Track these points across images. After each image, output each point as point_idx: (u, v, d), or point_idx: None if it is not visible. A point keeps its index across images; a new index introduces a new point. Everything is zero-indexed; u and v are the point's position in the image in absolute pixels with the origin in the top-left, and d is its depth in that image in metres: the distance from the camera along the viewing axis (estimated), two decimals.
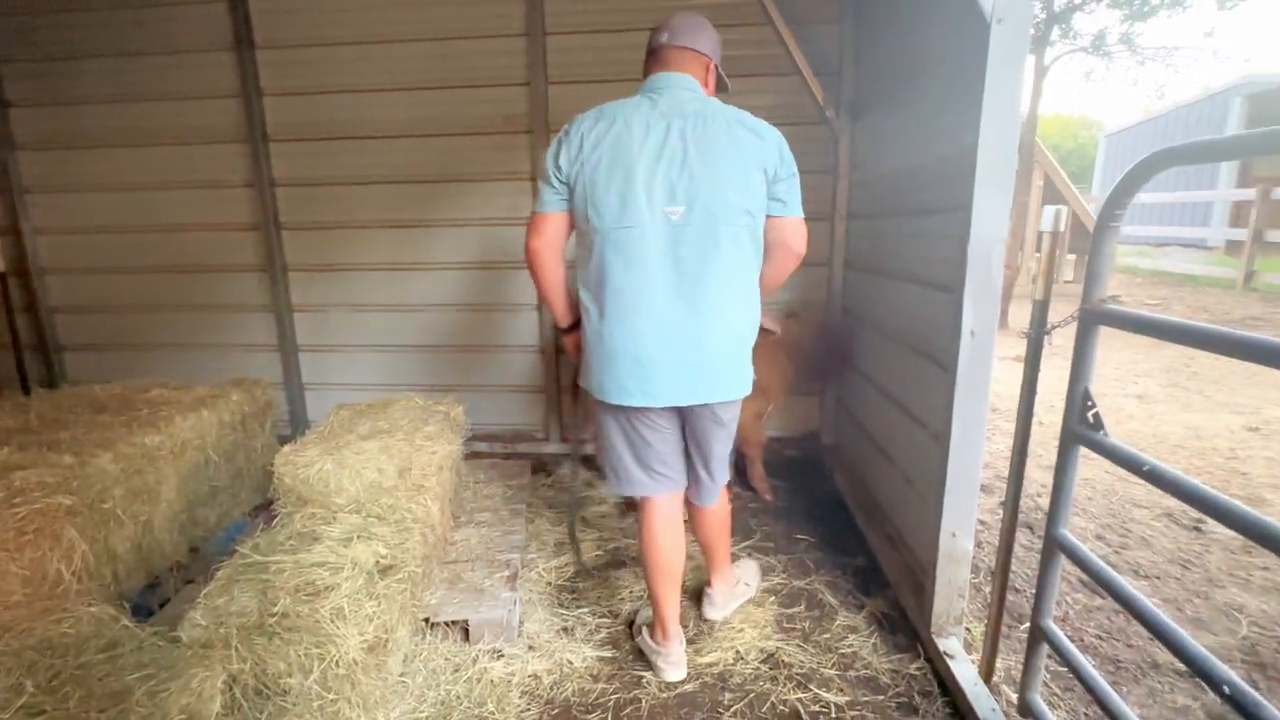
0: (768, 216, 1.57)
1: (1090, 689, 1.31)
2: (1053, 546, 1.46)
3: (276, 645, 1.45)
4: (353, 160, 3.29)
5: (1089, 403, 1.38)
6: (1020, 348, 4.87)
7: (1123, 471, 3.20)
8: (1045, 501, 2.94)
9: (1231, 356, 0.99)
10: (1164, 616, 1.16)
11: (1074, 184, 9.63)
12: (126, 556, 1.99)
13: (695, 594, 2.13)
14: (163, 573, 2.19)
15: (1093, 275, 1.33)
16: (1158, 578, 2.31)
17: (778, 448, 3.32)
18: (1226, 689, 0.98)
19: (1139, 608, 1.20)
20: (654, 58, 1.60)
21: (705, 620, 2.03)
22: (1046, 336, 1.49)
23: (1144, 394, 4.63)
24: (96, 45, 3.26)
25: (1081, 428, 1.38)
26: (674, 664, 1.79)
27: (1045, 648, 1.48)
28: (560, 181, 1.54)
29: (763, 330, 1.71)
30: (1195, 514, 2.79)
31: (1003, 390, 4.80)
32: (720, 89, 1.69)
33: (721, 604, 2.04)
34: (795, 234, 1.61)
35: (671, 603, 1.79)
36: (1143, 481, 1.22)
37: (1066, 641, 1.42)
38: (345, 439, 2.18)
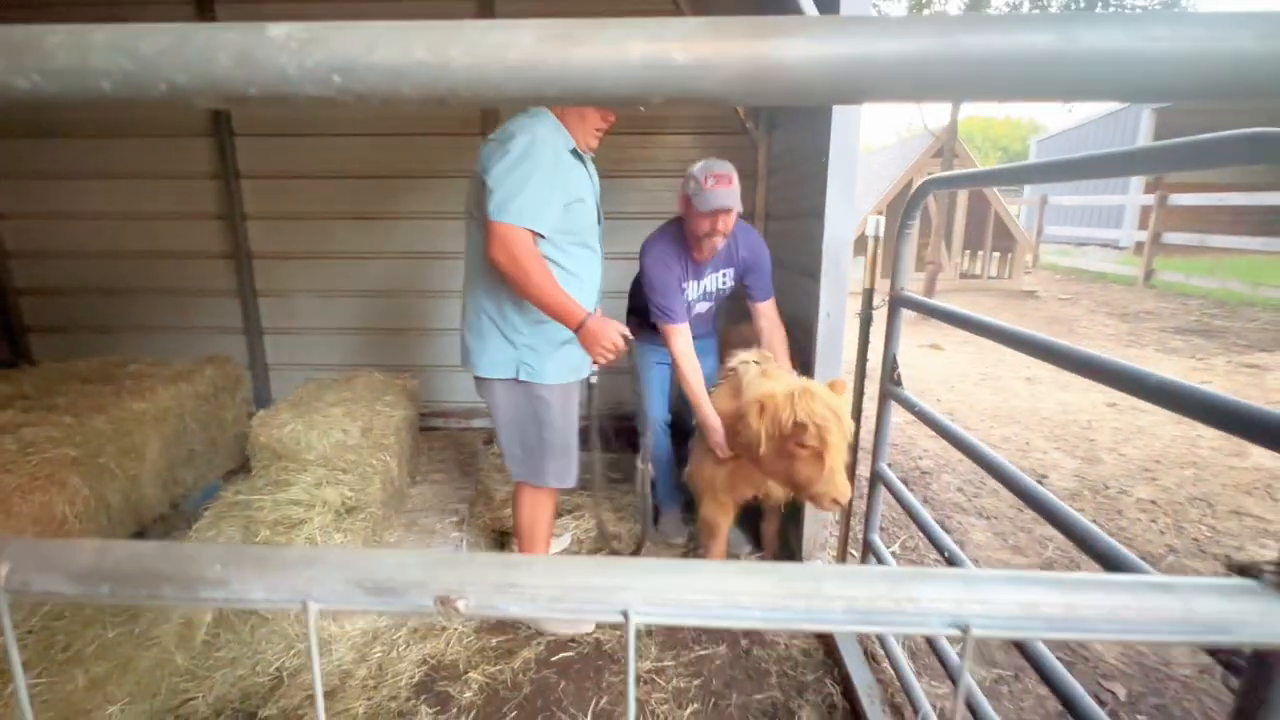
0: None
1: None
2: (875, 478, 1.91)
3: None
4: (316, 156, 3.56)
5: (896, 366, 1.82)
6: (936, 337, 5.60)
7: (996, 439, 3.72)
8: (926, 464, 3.47)
9: (992, 340, 1.37)
10: (950, 541, 1.61)
11: (1004, 186, 10.39)
12: (118, 506, 2.28)
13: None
14: (147, 524, 2.47)
15: (897, 270, 1.76)
16: (995, 518, 2.83)
17: None
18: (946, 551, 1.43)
19: (932, 534, 1.64)
20: None
21: None
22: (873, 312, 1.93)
23: (1033, 377, 5.24)
24: None
25: (890, 385, 1.83)
26: None
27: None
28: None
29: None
30: (1040, 471, 3.35)
31: (914, 374, 5.35)
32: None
33: None
34: (490, 236, 1.65)
35: None
36: (1005, 446, 1.67)
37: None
38: (313, 405, 2.50)
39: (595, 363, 1.83)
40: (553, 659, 1.96)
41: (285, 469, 2.23)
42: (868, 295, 1.92)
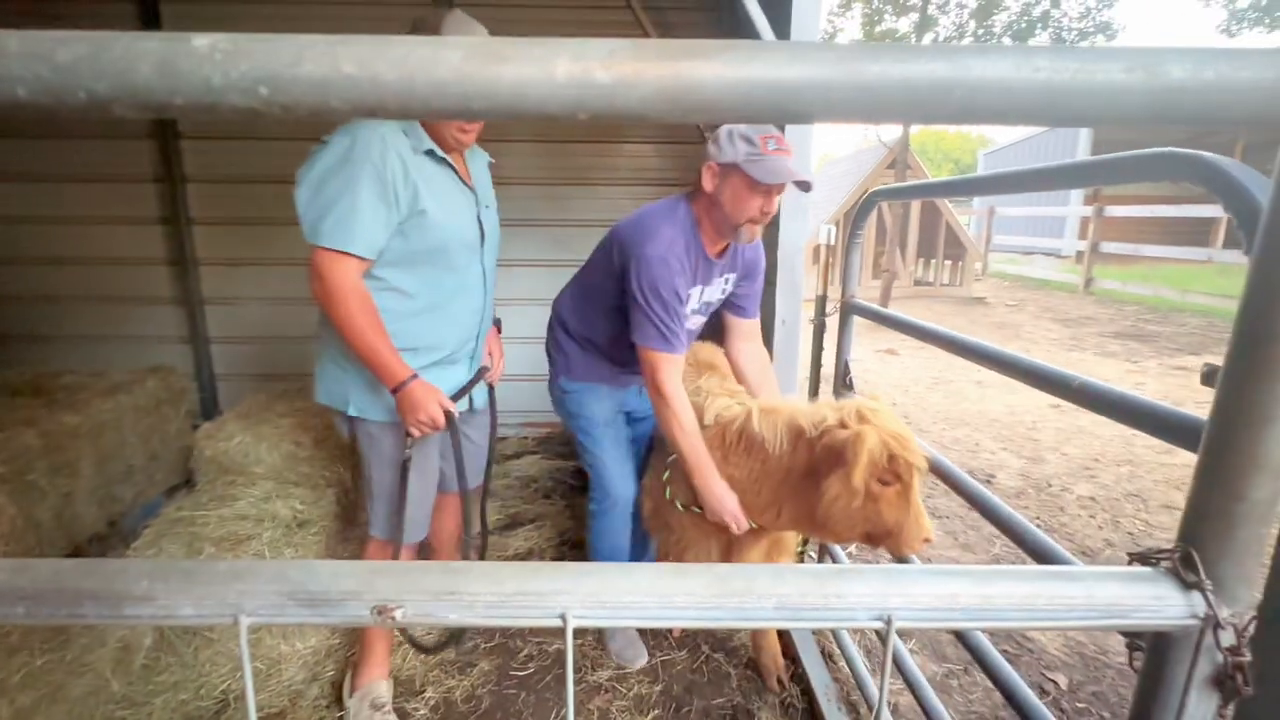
0: None
1: None
2: None
3: None
4: (267, 159, 3.45)
5: (848, 371, 1.88)
6: (893, 342, 5.75)
7: (947, 441, 3.84)
8: None
9: (932, 344, 1.44)
10: None
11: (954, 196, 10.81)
12: (48, 525, 2.16)
13: None
14: (81, 544, 2.35)
15: (847, 278, 1.82)
16: (947, 517, 2.93)
17: None
18: None
19: None
20: None
21: None
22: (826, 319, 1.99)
23: (983, 380, 5.45)
24: None
25: (843, 389, 1.88)
26: None
27: None
28: None
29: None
30: (988, 471, 3.48)
31: (870, 379, 5.50)
32: None
33: None
34: (310, 265, 1.42)
35: None
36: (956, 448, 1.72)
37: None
38: (263, 416, 2.42)
39: (409, 434, 1.51)
40: (512, 672, 1.94)
41: (232, 483, 2.16)
42: (820, 302, 1.98)
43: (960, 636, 1.37)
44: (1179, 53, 0.34)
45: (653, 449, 2.01)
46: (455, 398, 1.60)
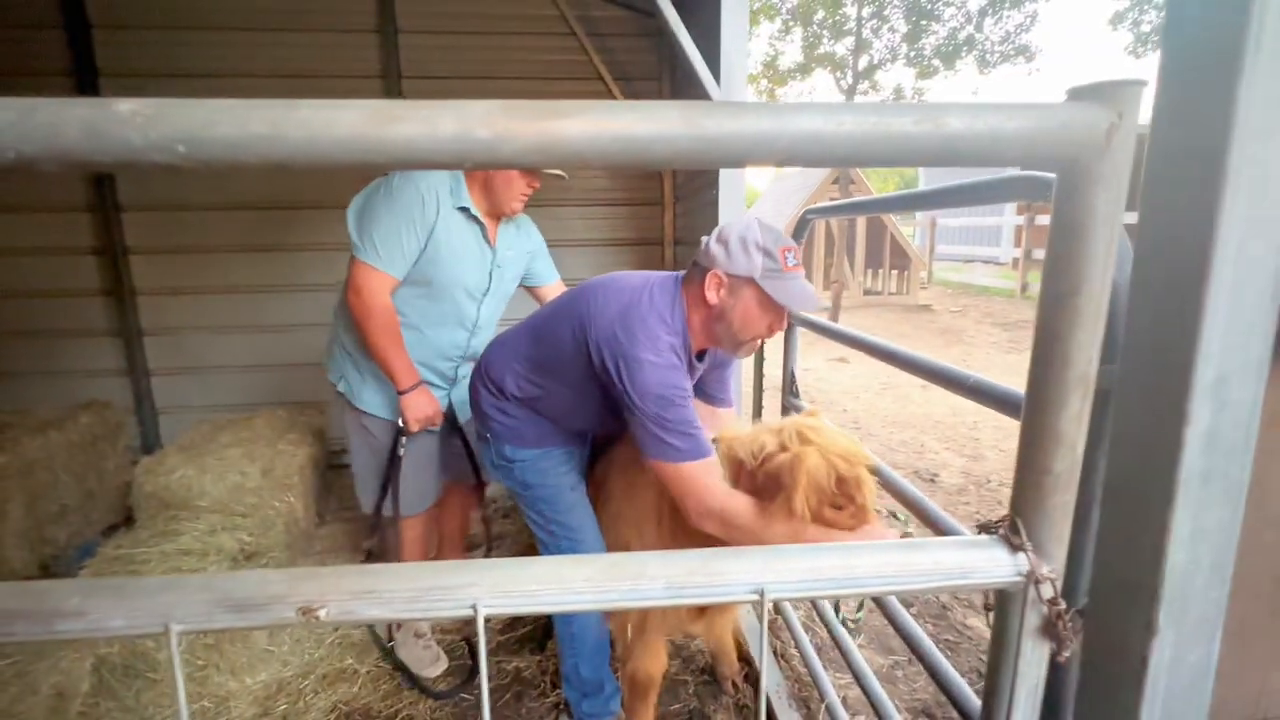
0: None
1: None
2: None
3: None
4: (205, 186, 3.39)
5: (794, 380, 1.97)
6: (841, 351, 5.92)
7: (895, 443, 3.99)
8: None
9: (866, 354, 1.52)
10: None
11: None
12: None
13: None
14: None
15: None
16: (900, 517, 3.05)
17: None
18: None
19: None
20: None
21: None
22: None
23: (927, 385, 5.69)
24: None
25: (790, 398, 1.97)
26: None
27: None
28: None
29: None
30: (932, 470, 3.64)
31: (822, 386, 5.67)
32: None
33: None
34: (348, 273, 1.78)
35: None
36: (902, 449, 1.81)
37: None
38: (207, 448, 2.37)
39: (407, 430, 1.82)
40: (470, 692, 1.93)
41: (174, 518, 2.10)
42: None
43: (897, 628, 1.44)
44: (959, 107, 0.42)
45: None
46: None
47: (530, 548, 2.67)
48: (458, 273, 1.80)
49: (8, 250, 3.36)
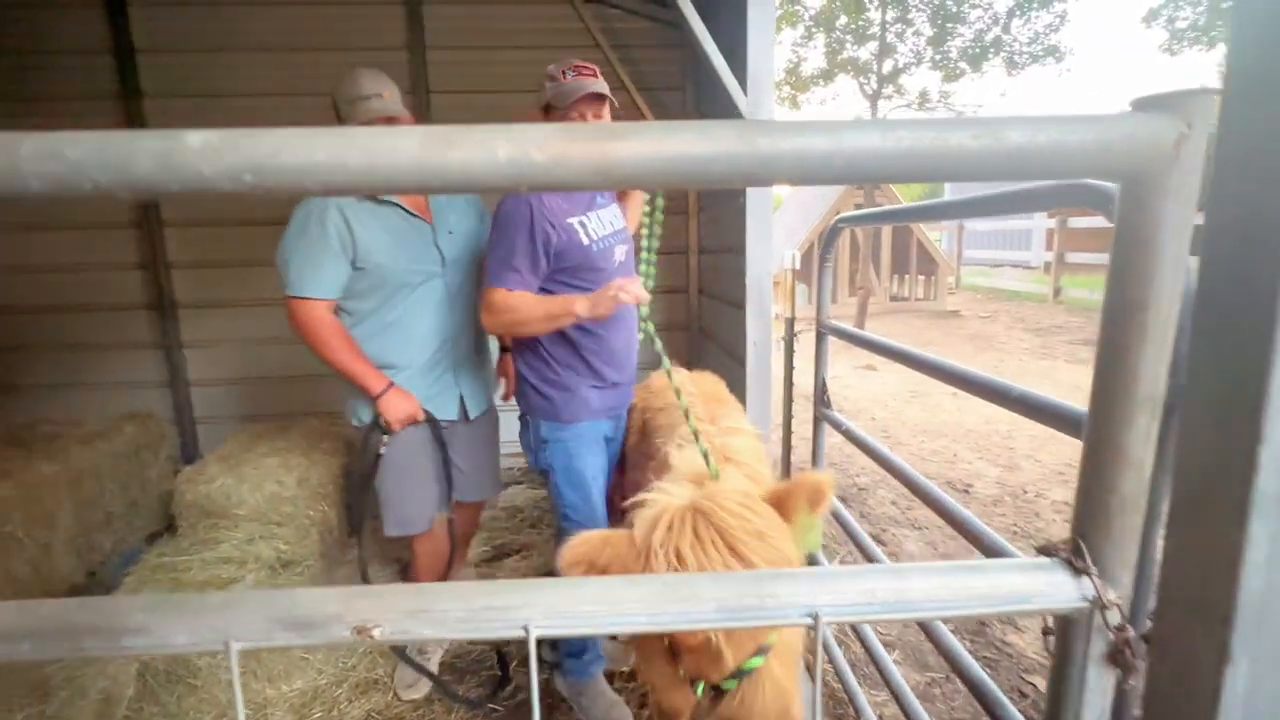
0: None
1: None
2: None
3: None
4: (243, 202, 3.50)
5: (825, 389, 1.94)
6: (869, 359, 5.86)
7: (926, 453, 3.92)
8: (863, 480, 3.62)
9: (898, 362, 1.51)
10: (881, 553, 1.71)
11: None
12: (25, 577, 2.13)
13: None
14: (60, 595, 2.31)
15: (820, 302, 1.89)
16: (927, 528, 2.98)
17: None
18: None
19: (865, 548, 1.74)
20: None
21: None
22: (795, 338, 2.07)
23: (959, 391, 5.57)
24: None
25: (822, 408, 1.94)
26: None
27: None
28: None
29: None
30: (966, 480, 3.56)
31: (850, 395, 5.59)
32: None
33: None
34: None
35: None
36: (934, 459, 1.78)
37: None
38: (245, 457, 2.43)
39: (388, 430, 1.81)
40: (501, 702, 1.94)
41: (214, 526, 2.15)
42: (789, 323, 2.05)
43: (937, 645, 1.41)
44: (1019, 121, 0.41)
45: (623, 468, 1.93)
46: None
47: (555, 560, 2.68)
48: (401, 258, 1.78)
49: (56, 267, 3.51)
